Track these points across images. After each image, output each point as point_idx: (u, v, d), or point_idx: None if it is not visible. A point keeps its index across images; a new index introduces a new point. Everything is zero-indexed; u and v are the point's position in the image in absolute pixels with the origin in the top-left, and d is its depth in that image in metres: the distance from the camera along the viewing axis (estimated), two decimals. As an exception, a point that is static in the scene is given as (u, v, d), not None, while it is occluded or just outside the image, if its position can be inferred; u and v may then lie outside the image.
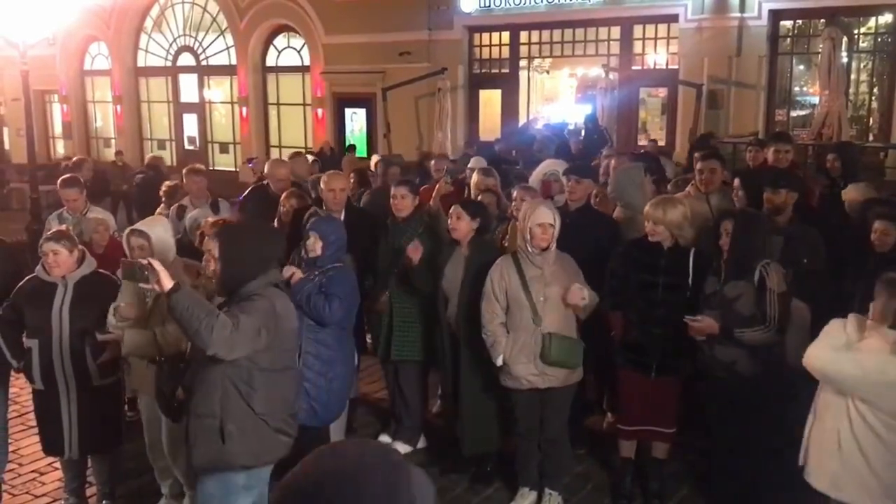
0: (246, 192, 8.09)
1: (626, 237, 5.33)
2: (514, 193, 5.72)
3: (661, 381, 4.79)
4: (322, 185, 5.97)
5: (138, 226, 4.73)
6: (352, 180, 7.65)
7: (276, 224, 6.18)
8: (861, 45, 12.93)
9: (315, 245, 4.65)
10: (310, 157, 10.87)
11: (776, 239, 4.85)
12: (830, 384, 3.75)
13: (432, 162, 8.43)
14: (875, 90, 13.04)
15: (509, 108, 16.11)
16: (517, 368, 4.61)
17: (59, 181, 6.87)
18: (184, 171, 7.24)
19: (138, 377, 4.64)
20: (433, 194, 6.53)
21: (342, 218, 5.81)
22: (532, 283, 4.59)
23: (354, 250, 5.46)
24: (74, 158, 12.01)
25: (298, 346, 4.45)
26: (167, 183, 7.78)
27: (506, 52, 16.08)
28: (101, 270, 4.80)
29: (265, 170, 7.44)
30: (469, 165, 7.85)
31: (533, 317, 4.56)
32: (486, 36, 16.23)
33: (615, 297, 4.89)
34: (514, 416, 4.89)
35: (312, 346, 4.59)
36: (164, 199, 7.36)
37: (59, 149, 23.18)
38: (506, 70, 16.12)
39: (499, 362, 4.66)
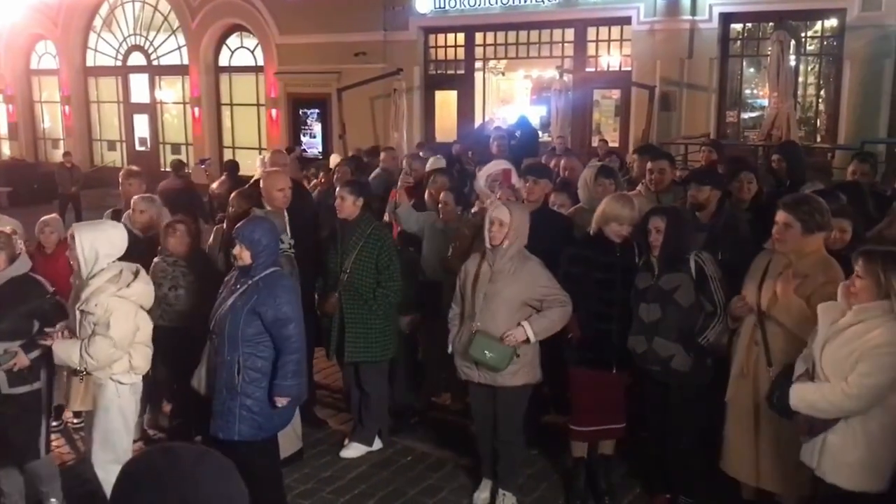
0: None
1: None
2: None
3: (616, 377, 4.85)
4: (266, 185, 5.66)
5: None
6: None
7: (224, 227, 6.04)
8: (808, 48, 13.19)
9: (242, 254, 4.21)
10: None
11: (699, 235, 4.92)
12: None
13: (403, 160, 8.34)
14: (822, 92, 13.31)
15: (465, 109, 16.12)
16: (456, 359, 4.78)
17: None
18: (120, 174, 7.04)
19: (64, 387, 4.52)
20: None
21: (286, 218, 5.69)
22: (480, 279, 4.62)
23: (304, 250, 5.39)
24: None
25: (237, 362, 4.20)
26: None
27: (461, 53, 16.09)
28: (31, 273, 4.62)
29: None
30: (428, 165, 7.83)
31: (469, 312, 4.66)
32: (441, 37, 16.23)
33: (571, 298, 4.87)
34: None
35: (251, 360, 4.23)
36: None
37: (5, 150, 22.61)
38: (461, 71, 16.14)
39: (449, 350, 4.83)
